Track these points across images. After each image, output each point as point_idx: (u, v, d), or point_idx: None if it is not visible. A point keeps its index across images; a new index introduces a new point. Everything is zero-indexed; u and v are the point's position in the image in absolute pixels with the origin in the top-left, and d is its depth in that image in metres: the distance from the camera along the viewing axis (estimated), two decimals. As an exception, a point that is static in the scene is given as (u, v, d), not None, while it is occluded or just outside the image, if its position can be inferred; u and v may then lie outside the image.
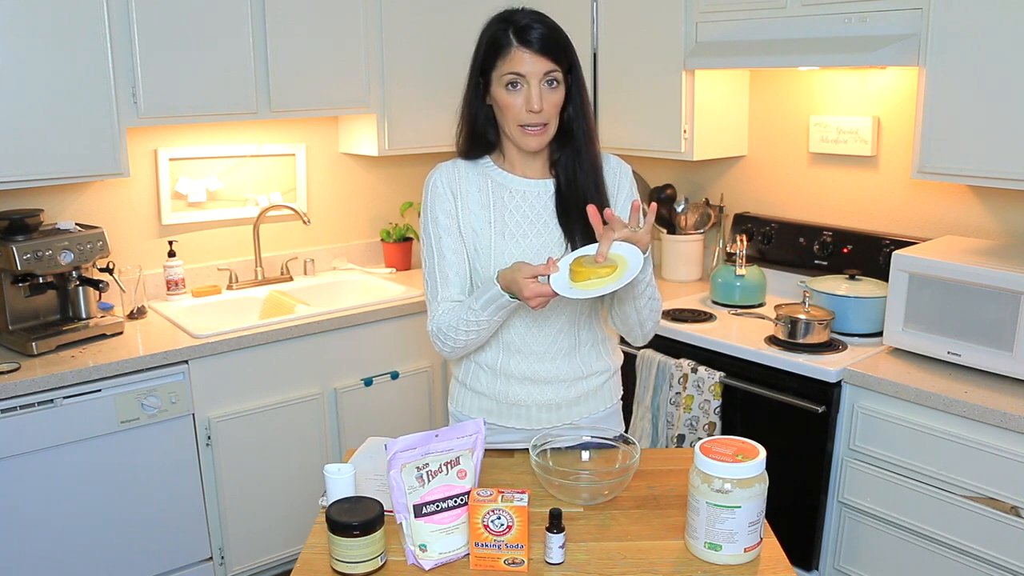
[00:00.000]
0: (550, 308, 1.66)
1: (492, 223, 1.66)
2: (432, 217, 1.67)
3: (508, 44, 1.55)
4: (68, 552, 2.40)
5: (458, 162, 1.70)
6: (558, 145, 1.67)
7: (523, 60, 1.54)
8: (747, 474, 1.32)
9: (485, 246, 1.65)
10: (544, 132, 1.59)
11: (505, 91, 1.57)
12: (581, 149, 1.65)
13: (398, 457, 1.35)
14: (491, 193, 1.67)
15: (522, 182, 1.67)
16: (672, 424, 2.60)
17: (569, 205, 1.65)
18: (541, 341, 1.69)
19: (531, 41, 1.54)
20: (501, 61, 1.56)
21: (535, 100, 1.55)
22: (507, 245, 1.65)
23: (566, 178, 1.66)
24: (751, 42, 2.60)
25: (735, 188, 3.15)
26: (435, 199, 1.67)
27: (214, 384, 2.60)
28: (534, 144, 1.61)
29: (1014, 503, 1.98)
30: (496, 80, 1.58)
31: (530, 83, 1.55)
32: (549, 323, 1.69)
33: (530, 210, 1.66)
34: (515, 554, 1.34)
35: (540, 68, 1.55)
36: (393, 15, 3.04)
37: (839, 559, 2.37)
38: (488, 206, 1.66)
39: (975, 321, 2.14)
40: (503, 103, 1.58)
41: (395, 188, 3.54)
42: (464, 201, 1.66)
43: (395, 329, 2.97)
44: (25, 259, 2.38)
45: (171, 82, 2.61)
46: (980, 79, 2.13)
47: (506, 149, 1.68)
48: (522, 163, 1.68)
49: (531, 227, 1.66)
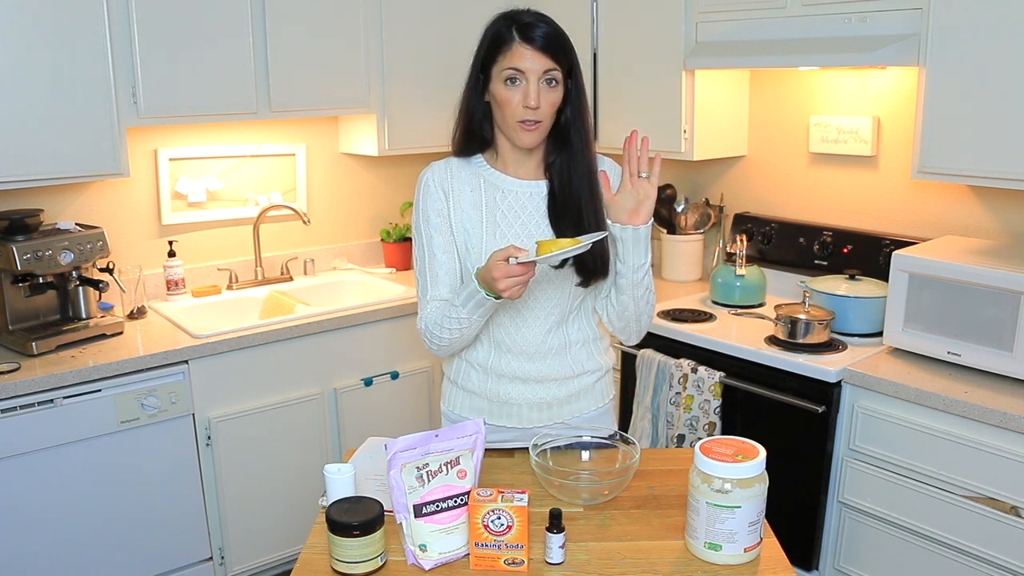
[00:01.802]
0: (538, 305, 1.67)
1: (484, 223, 1.66)
2: (424, 216, 1.68)
3: (510, 40, 1.56)
4: (68, 552, 2.40)
5: (451, 161, 1.70)
6: (553, 147, 1.67)
7: (524, 56, 1.55)
8: (747, 474, 1.32)
9: (476, 246, 1.66)
10: (538, 128, 1.59)
11: (504, 86, 1.57)
12: (577, 153, 1.65)
13: (398, 457, 1.35)
14: (483, 193, 1.67)
15: (515, 182, 1.68)
16: (672, 424, 2.60)
17: (561, 208, 1.65)
18: (531, 340, 1.69)
19: (533, 38, 1.54)
20: (502, 56, 1.56)
21: (532, 96, 1.55)
22: (498, 245, 1.65)
23: (560, 181, 1.66)
24: (751, 42, 2.60)
25: (735, 188, 3.15)
26: (427, 198, 1.67)
27: (214, 384, 2.60)
28: (528, 140, 1.60)
29: (1014, 503, 1.98)
30: (496, 75, 1.58)
31: (529, 79, 1.55)
32: (539, 321, 1.69)
33: (522, 211, 1.67)
34: (515, 554, 1.34)
35: (540, 65, 1.55)
36: (393, 15, 3.04)
37: (839, 559, 2.37)
38: (480, 206, 1.67)
39: (975, 321, 2.14)
40: (501, 98, 1.58)
41: (395, 188, 3.54)
42: (456, 200, 1.67)
43: (395, 329, 2.97)
44: (25, 259, 2.38)
45: (171, 82, 2.61)
46: (980, 79, 2.13)
47: (500, 148, 1.68)
48: (515, 163, 1.68)
49: (523, 228, 1.66)
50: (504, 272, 1.46)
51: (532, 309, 1.68)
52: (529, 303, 1.68)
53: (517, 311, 1.68)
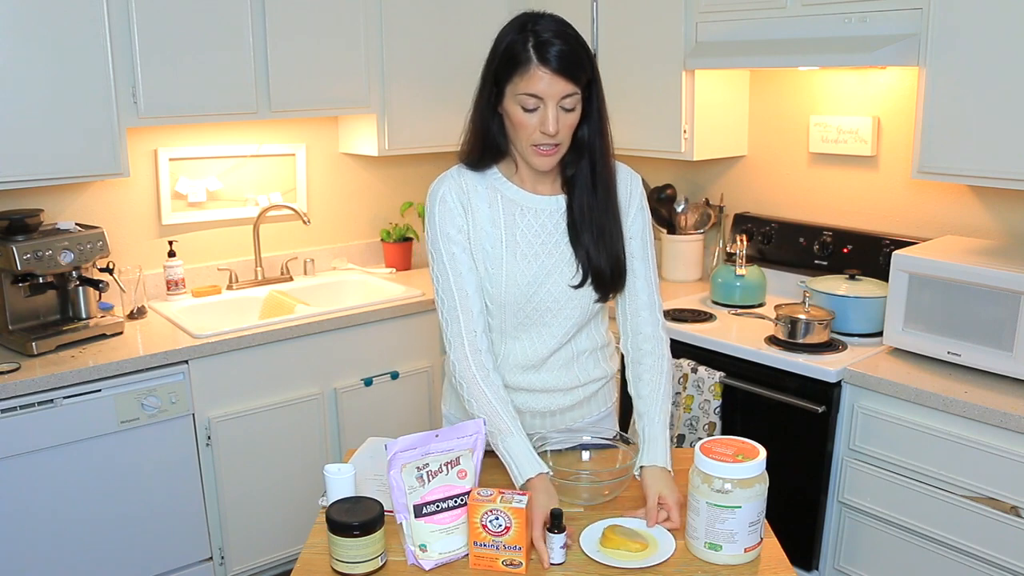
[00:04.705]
0: (557, 323, 1.63)
1: (504, 243, 1.59)
2: (443, 233, 1.58)
3: (527, 61, 1.45)
4: (68, 552, 2.40)
5: (463, 172, 1.61)
6: (572, 160, 1.60)
7: (541, 80, 1.45)
8: (747, 474, 1.32)
9: (496, 266, 1.59)
10: (556, 152, 1.53)
11: (519, 110, 1.49)
12: (596, 167, 1.58)
13: (398, 457, 1.35)
14: (502, 210, 1.59)
15: (534, 199, 1.61)
16: (672, 424, 2.60)
17: (580, 224, 1.60)
18: (542, 354, 1.66)
19: (550, 60, 1.44)
20: (518, 78, 1.47)
21: (551, 123, 1.47)
22: (519, 265, 1.59)
23: (579, 196, 1.60)
24: (751, 42, 2.60)
25: (735, 188, 3.15)
26: (444, 214, 1.58)
27: (214, 384, 2.60)
28: (545, 165, 1.55)
29: (1014, 503, 1.98)
30: (511, 95, 1.49)
31: (547, 104, 1.47)
32: (555, 339, 1.65)
33: (542, 229, 1.61)
34: (513, 555, 1.34)
35: (558, 90, 1.46)
36: (393, 15, 3.04)
37: (839, 559, 2.37)
38: (499, 224, 1.59)
39: (975, 321, 2.14)
40: (516, 121, 1.50)
41: (395, 188, 3.54)
42: (474, 216, 1.59)
43: (395, 329, 2.97)
44: (25, 259, 2.38)
45: (171, 82, 2.61)
46: (980, 79, 2.13)
47: (518, 161, 1.61)
48: (533, 178, 1.61)
49: (543, 247, 1.60)
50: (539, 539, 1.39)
51: (548, 326, 1.64)
52: (547, 319, 1.63)
53: (536, 330, 1.64)
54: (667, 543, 1.41)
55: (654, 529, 1.44)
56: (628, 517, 1.48)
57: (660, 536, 1.43)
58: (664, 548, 1.39)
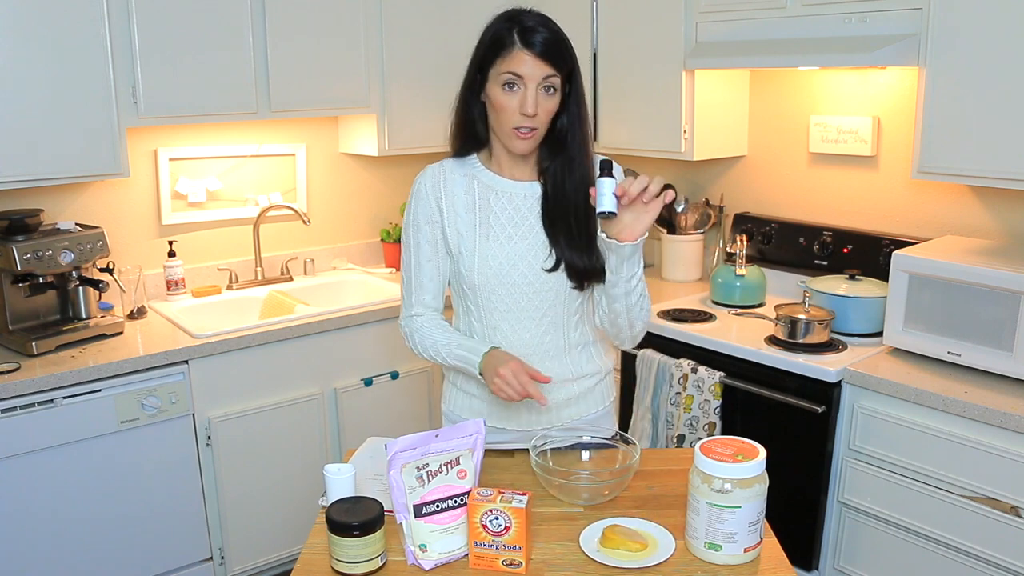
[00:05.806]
0: (532, 306, 1.67)
1: (477, 226, 1.66)
2: (414, 222, 1.69)
3: (511, 44, 1.54)
4: (68, 552, 2.40)
5: (445, 164, 1.70)
6: (549, 152, 1.65)
7: (523, 61, 1.53)
8: (747, 474, 1.32)
9: (470, 249, 1.66)
10: (533, 136, 1.58)
11: (501, 90, 1.55)
12: (574, 160, 1.63)
13: (398, 457, 1.35)
14: (477, 195, 1.67)
15: (509, 184, 1.67)
16: (672, 424, 2.60)
17: (555, 213, 1.64)
18: (527, 341, 1.69)
19: (534, 44, 1.52)
20: (501, 60, 1.55)
21: (530, 104, 1.53)
22: (491, 248, 1.65)
23: (554, 186, 1.64)
24: (751, 42, 2.60)
25: (735, 188, 3.15)
26: (418, 204, 1.69)
27: (214, 384, 2.60)
28: (523, 147, 1.60)
29: (1014, 503, 1.98)
30: (493, 78, 1.56)
31: (527, 86, 1.53)
32: (533, 322, 1.68)
33: (515, 212, 1.66)
34: (513, 555, 1.34)
35: (539, 72, 1.53)
36: (393, 15, 3.04)
37: (839, 559, 2.37)
38: (473, 208, 1.67)
39: (975, 321, 2.14)
40: (497, 103, 1.56)
41: (395, 188, 3.54)
42: (450, 204, 1.67)
43: (395, 329, 2.95)
44: (25, 259, 2.38)
45: (171, 82, 2.61)
46: (980, 79, 2.13)
47: (495, 149, 1.67)
48: (510, 164, 1.67)
49: (516, 230, 1.66)
50: (511, 375, 1.50)
51: (526, 310, 1.67)
52: (523, 303, 1.67)
53: (512, 313, 1.68)
54: (667, 543, 1.41)
55: (654, 529, 1.44)
56: (628, 517, 1.48)
57: (660, 536, 1.43)
58: (664, 548, 1.39)
